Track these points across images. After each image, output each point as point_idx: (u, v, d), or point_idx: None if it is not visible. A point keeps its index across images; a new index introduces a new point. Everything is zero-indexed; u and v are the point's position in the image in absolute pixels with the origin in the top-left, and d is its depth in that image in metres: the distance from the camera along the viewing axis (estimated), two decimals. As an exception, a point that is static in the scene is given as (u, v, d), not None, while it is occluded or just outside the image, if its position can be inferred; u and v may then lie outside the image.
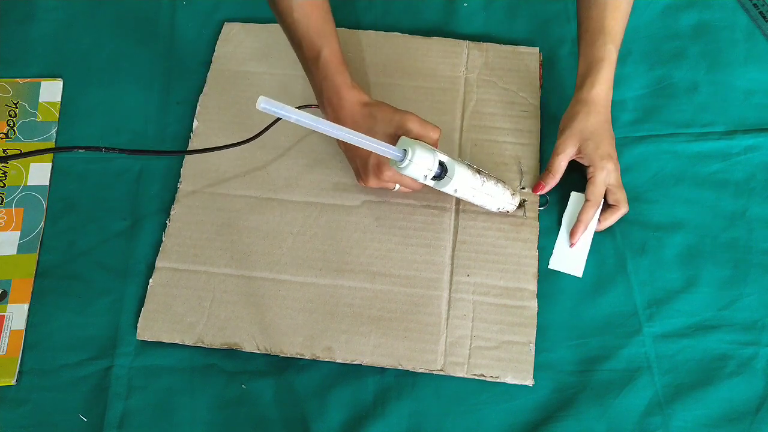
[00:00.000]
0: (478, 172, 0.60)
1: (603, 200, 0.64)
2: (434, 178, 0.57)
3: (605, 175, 0.63)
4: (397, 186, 0.62)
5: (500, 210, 0.64)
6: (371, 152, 0.57)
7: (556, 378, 0.60)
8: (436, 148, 0.58)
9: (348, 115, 0.60)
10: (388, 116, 0.59)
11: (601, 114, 0.64)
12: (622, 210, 0.65)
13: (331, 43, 0.62)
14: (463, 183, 0.58)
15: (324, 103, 0.63)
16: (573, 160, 0.65)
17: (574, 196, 0.67)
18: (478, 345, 0.60)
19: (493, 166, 0.68)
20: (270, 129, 0.67)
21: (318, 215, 0.66)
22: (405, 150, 0.54)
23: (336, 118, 0.61)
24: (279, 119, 0.64)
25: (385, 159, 0.58)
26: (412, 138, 0.57)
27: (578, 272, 0.64)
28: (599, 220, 0.64)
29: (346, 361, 0.60)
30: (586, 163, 0.64)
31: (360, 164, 0.61)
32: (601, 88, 0.64)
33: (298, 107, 0.53)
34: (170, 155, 0.70)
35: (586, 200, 0.64)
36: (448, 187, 0.58)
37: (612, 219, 0.65)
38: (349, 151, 0.63)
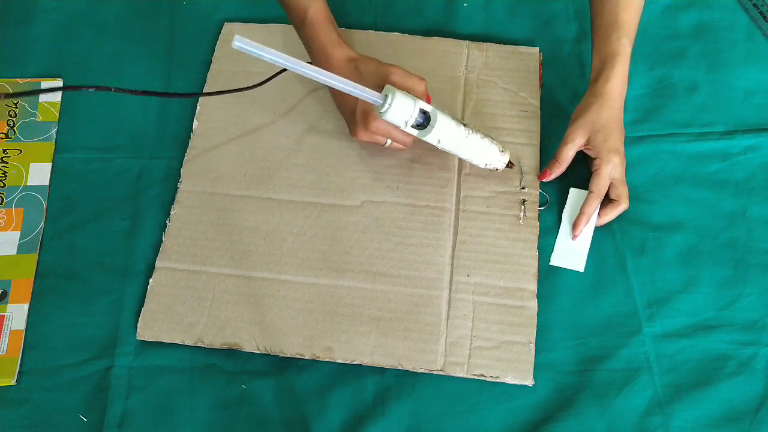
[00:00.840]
0: (464, 125, 0.60)
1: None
2: (417, 126, 0.57)
3: (611, 169, 0.63)
4: (389, 142, 0.62)
5: (488, 167, 0.64)
6: (358, 101, 0.59)
7: (556, 378, 0.60)
8: (424, 100, 0.59)
9: (335, 71, 0.60)
10: (373, 69, 0.60)
11: (614, 108, 0.64)
12: (623, 206, 0.65)
13: (316, 2, 0.63)
14: (447, 133, 0.58)
15: (314, 62, 0.64)
16: (579, 152, 0.65)
17: (574, 192, 0.67)
18: (478, 345, 0.60)
19: (493, 166, 0.68)
20: (270, 129, 0.67)
21: (318, 215, 0.66)
22: (386, 96, 0.55)
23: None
24: (284, 70, 0.65)
25: (372, 108, 0.58)
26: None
27: (580, 267, 0.64)
28: (599, 214, 0.65)
29: (346, 361, 0.60)
30: (593, 155, 0.64)
31: (348, 115, 0.63)
32: (616, 82, 0.63)
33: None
34: (185, 97, 0.72)
35: (590, 192, 0.64)
36: (431, 136, 0.58)
37: (612, 214, 0.65)
38: (339, 103, 0.65)
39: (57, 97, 0.74)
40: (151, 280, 0.63)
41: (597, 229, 0.66)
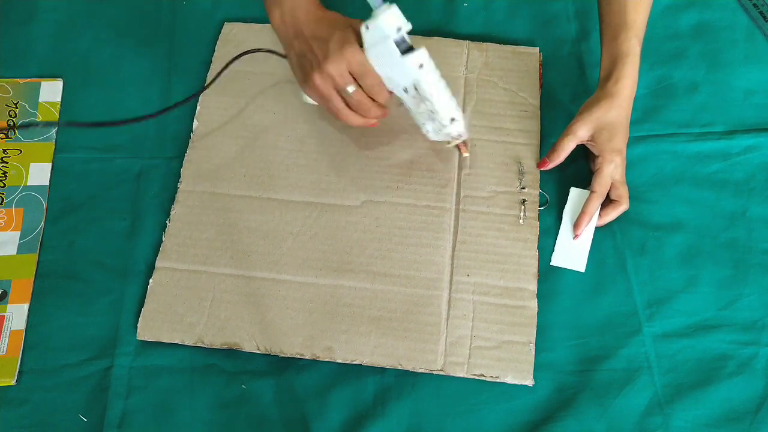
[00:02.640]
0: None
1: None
2: (400, 45, 0.54)
3: (612, 168, 0.63)
4: (351, 88, 0.57)
5: (447, 132, 0.61)
6: (335, 32, 0.55)
7: (556, 378, 0.60)
8: None
9: (307, 19, 0.57)
10: (343, 19, 0.57)
11: (622, 108, 0.64)
12: (623, 206, 0.65)
13: None
14: (429, 62, 0.56)
15: (278, 24, 0.59)
16: (581, 148, 0.65)
17: (574, 192, 0.67)
18: (478, 345, 0.60)
19: (493, 166, 0.68)
20: (270, 129, 0.67)
21: (318, 215, 0.66)
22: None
23: (293, 18, 0.58)
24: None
25: (351, 38, 0.55)
26: None
27: (581, 267, 0.64)
28: (600, 214, 0.65)
29: (346, 361, 0.60)
30: (596, 152, 0.64)
31: (318, 46, 0.56)
32: (626, 82, 0.63)
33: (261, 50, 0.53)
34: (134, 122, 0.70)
35: (592, 191, 0.64)
36: (414, 57, 0.54)
37: (613, 214, 0.65)
38: (300, 37, 0.58)
39: (57, 96, 0.74)
40: (151, 280, 0.63)
41: (597, 229, 0.66)
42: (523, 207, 0.66)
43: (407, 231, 0.65)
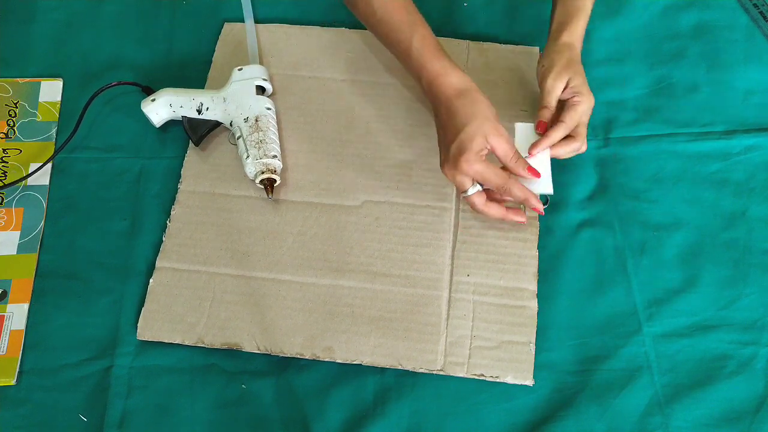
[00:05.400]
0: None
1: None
2: None
3: (587, 107, 0.63)
4: (474, 189, 0.60)
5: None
6: (456, 138, 0.57)
7: (556, 378, 0.60)
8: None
9: (443, 106, 0.60)
10: (469, 114, 0.58)
11: (578, 56, 0.65)
12: (580, 145, 0.63)
13: (420, 30, 0.62)
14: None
15: (424, 90, 0.62)
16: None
17: (521, 126, 0.65)
18: (478, 345, 0.60)
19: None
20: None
21: (318, 215, 0.66)
22: None
23: (436, 107, 0.61)
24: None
25: (469, 147, 0.57)
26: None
27: (549, 190, 0.62)
28: (554, 146, 0.63)
29: (346, 361, 0.60)
30: (571, 94, 0.63)
31: (443, 147, 0.60)
32: (579, 34, 0.65)
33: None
34: None
35: (560, 121, 0.62)
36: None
37: (568, 149, 0.63)
38: (437, 130, 0.62)
39: (57, 96, 0.74)
40: (151, 280, 0.63)
41: (597, 228, 0.66)
42: (523, 207, 0.66)
43: (407, 231, 0.65)
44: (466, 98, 0.59)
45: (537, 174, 0.60)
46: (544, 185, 0.62)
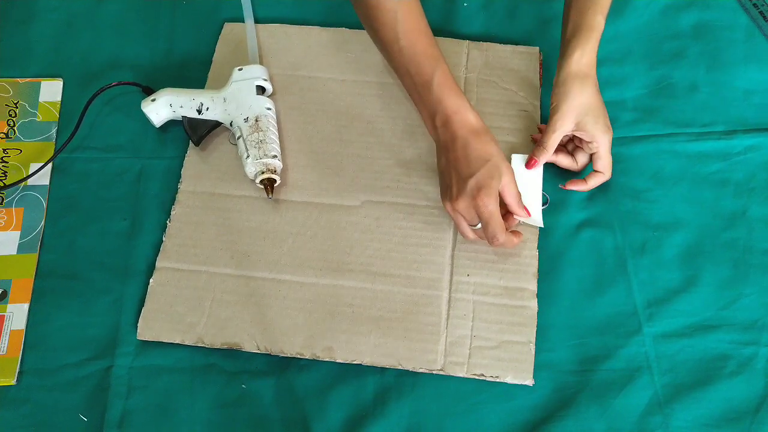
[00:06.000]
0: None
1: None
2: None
3: (609, 147, 0.64)
4: (478, 226, 0.61)
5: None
6: (475, 173, 0.58)
7: (556, 378, 0.60)
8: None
9: (460, 141, 0.60)
10: (482, 157, 0.59)
11: (594, 85, 0.64)
12: (607, 177, 0.66)
13: (442, 65, 0.62)
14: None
15: (437, 125, 0.62)
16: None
17: (516, 158, 0.67)
18: (478, 345, 0.60)
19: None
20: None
21: (318, 215, 0.66)
22: None
23: (451, 142, 0.60)
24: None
25: (489, 184, 0.57)
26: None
27: (539, 222, 0.64)
28: (585, 180, 0.66)
29: (346, 361, 0.60)
30: (587, 139, 0.64)
31: (456, 181, 0.60)
32: (590, 58, 0.64)
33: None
34: None
35: (597, 171, 0.65)
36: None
37: (596, 182, 0.66)
38: (447, 165, 0.61)
39: (57, 96, 0.74)
40: (151, 280, 0.63)
41: (597, 228, 0.66)
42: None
43: (407, 231, 0.65)
44: (483, 137, 0.60)
45: (530, 214, 0.62)
46: (535, 220, 0.64)
